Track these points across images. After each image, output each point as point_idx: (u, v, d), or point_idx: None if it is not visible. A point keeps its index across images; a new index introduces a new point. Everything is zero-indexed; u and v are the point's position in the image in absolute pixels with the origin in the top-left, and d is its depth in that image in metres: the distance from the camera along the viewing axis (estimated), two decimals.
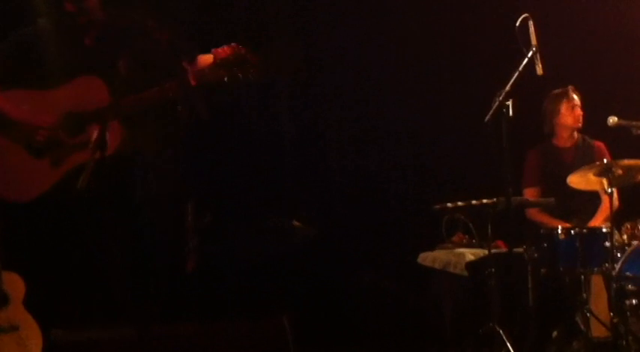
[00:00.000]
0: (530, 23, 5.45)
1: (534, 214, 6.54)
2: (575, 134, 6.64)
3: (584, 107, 6.57)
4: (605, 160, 5.92)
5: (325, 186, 7.24)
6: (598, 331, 5.71)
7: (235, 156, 6.75)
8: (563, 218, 6.38)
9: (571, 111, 6.54)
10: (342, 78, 7.28)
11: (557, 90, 6.59)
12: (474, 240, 6.40)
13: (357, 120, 7.34)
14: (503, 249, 6.21)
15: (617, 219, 6.03)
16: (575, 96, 6.54)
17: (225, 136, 6.63)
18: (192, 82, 4.76)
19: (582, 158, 6.36)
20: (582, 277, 5.78)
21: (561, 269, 5.83)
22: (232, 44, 4.88)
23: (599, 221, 6.31)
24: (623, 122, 6.03)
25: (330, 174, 7.30)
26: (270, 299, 5.89)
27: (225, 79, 4.79)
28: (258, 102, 7.07)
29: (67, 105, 4.68)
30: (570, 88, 6.56)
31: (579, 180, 6.00)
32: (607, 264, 5.66)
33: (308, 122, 7.27)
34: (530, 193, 6.59)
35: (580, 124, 6.58)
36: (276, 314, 4.82)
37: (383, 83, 7.27)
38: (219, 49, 4.84)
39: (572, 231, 5.81)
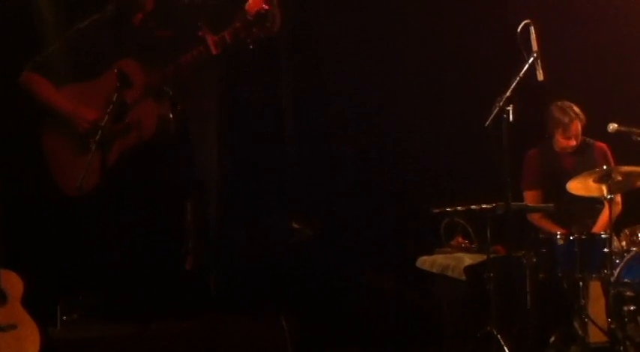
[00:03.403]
0: (532, 29, 5.46)
1: (537, 219, 6.52)
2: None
3: (584, 113, 6.52)
4: (605, 166, 5.91)
5: (325, 189, 7.23)
6: (596, 336, 5.72)
7: (236, 156, 6.76)
8: (564, 225, 6.37)
9: (565, 140, 6.47)
10: (341, 80, 7.28)
11: (559, 112, 6.41)
12: (473, 245, 6.40)
13: (357, 122, 7.34)
14: (502, 254, 6.21)
15: (618, 225, 6.05)
16: (573, 127, 6.39)
17: (227, 135, 6.63)
18: (214, 51, 4.75)
19: (582, 163, 6.30)
20: (581, 283, 5.79)
21: (560, 274, 5.85)
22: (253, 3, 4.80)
23: (601, 227, 6.28)
24: (623, 128, 6.02)
25: (331, 177, 7.29)
26: (270, 299, 5.89)
27: (250, 45, 4.75)
28: (261, 103, 7.07)
29: (109, 92, 4.70)
30: (571, 115, 6.37)
31: (579, 186, 6.00)
32: (605, 270, 5.67)
33: (310, 124, 7.27)
34: (530, 196, 6.56)
35: (572, 149, 6.50)
36: (274, 314, 4.83)
37: (382, 87, 7.26)
38: (244, 11, 4.77)
39: (571, 237, 5.83)
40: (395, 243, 7.08)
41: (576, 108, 6.43)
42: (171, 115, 4.86)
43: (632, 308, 5.53)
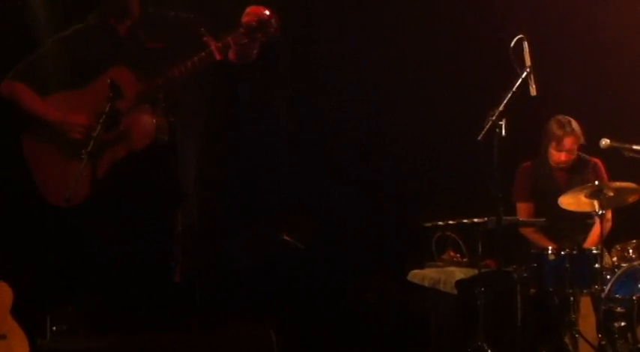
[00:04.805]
0: (525, 44, 5.47)
1: (529, 233, 6.49)
2: None
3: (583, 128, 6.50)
4: (596, 182, 5.91)
5: (317, 203, 7.23)
6: None
7: (230, 166, 6.77)
8: (555, 239, 6.36)
9: (557, 153, 6.44)
10: (330, 94, 7.30)
11: (555, 125, 6.37)
12: (464, 259, 6.40)
13: (352, 136, 7.34)
14: (493, 268, 6.20)
15: (609, 240, 6.05)
16: (566, 142, 6.36)
17: (220, 142, 6.64)
18: (218, 57, 4.75)
19: (575, 181, 6.27)
20: (571, 298, 5.79)
21: (550, 289, 5.85)
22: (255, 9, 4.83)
23: (592, 242, 6.26)
24: (616, 144, 6.02)
25: (324, 190, 7.29)
26: (257, 310, 5.88)
27: (255, 51, 4.78)
28: (258, 104, 7.08)
29: (98, 101, 4.67)
30: (567, 129, 6.34)
31: (570, 202, 6.00)
32: (596, 286, 5.69)
33: (305, 136, 7.28)
34: (523, 208, 6.52)
35: (565, 164, 6.48)
36: (263, 325, 4.83)
37: (374, 101, 7.28)
38: (247, 17, 4.78)
39: (562, 252, 5.83)
40: (385, 259, 7.07)
41: (575, 125, 6.37)
42: (161, 124, 4.85)
43: (622, 324, 5.53)
